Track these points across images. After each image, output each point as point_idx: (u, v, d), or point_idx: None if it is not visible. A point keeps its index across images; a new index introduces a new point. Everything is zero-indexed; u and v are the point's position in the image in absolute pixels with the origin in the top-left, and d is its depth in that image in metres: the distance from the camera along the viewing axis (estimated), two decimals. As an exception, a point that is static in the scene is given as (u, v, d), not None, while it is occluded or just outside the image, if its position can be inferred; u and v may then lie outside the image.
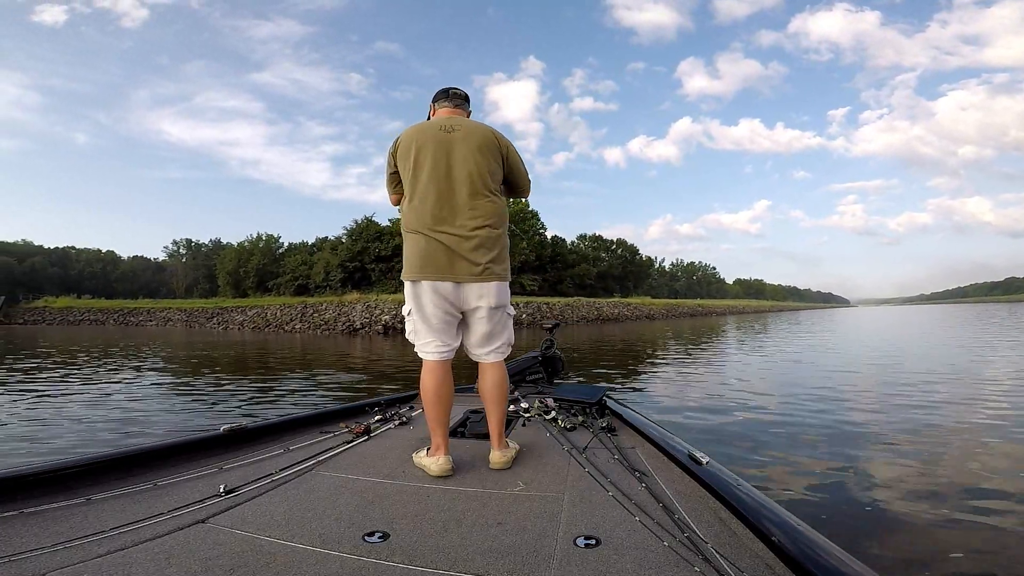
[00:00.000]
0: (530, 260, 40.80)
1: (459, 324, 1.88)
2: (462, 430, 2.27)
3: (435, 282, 1.77)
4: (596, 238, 57.88)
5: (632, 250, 60.01)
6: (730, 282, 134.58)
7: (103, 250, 77.60)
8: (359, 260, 38.37)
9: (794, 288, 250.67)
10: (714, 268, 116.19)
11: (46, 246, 71.77)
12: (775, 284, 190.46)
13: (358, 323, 21.72)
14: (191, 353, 12.00)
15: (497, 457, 1.79)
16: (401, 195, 1.93)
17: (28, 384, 6.93)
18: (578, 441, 2.07)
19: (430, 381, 1.81)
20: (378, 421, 2.41)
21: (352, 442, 2.08)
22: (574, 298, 36.89)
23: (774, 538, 1.11)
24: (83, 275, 68.81)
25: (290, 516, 1.38)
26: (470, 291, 1.80)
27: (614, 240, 59.44)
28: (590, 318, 30.57)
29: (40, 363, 9.54)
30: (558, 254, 46.91)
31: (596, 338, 16.04)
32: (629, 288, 57.47)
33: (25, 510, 1.34)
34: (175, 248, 71.68)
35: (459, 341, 1.89)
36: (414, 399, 2.92)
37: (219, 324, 28.72)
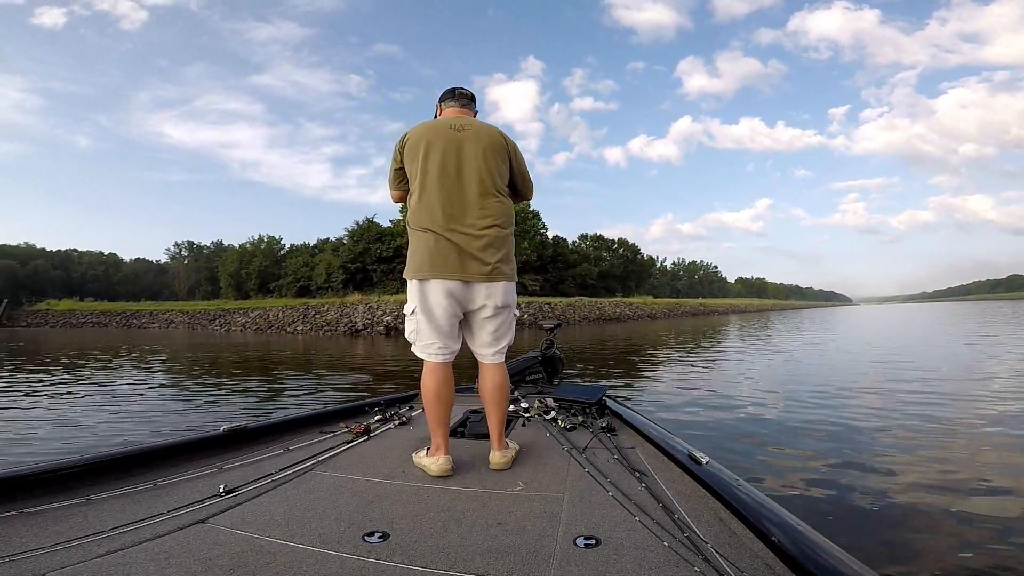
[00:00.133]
0: (531, 260, 40.75)
1: (460, 325, 1.87)
2: (462, 430, 2.27)
3: (444, 281, 1.75)
4: (597, 238, 57.82)
5: (633, 250, 59.94)
6: (732, 281, 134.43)
7: (105, 252, 77.88)
8: (360, 261, 38.42)
9: (796, 287, 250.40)
10: (716, 267, 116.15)
11: (48, 249, 72.01)
12: (777, 283, 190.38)
13: (360, 324, 21.73)
14: (193, 355, 12.02)
15: (497, 458, 1.79)
16: (404, 192, 1.91)
17: (30, 385, 6.95)
18: (578, 441, 2.07)
19: (431, 382, 1.80)
20: (378, 421, 2.41)
21: (352, 442, 2.08)
22: (576, 298, 36.86)
23: (774, 538, 1.11)
24: (85, 278, 68.97)
25: (290, 516, 1.38)
26: (478, 291, 1.79)
27: (615, 240, 59.41)
28: (592, 318, 30.54)
29: (42, 365, 9.57)
30: (559, 254, 46.87)
31: (598, 338, 16.02)
32: (631, 288, 57.39)
33: (25, 510, 1.34)
34: (177, 250, 71.91)
35: (460, 343, 1.88)
36: (414, 399, 2.92)
37: (221, 326, 28.78)
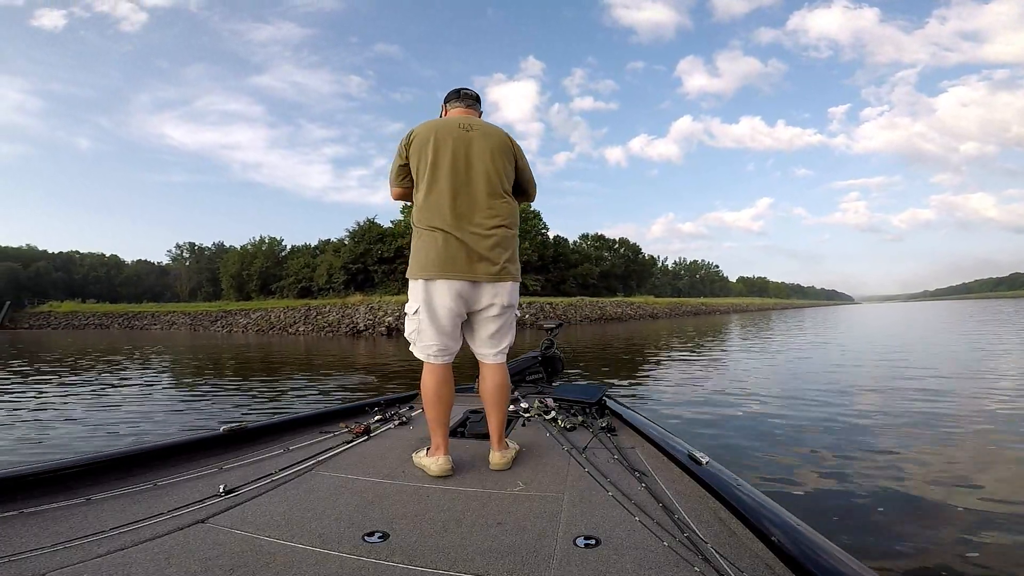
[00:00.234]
0: (532, 260, 40.75)
1: (462, 325, 1.86)
2: (462, 430, 2.27)
3: (452, 281, 1.74)
4: (598, 237, 57.79)
5: (635, 249, 59.90)
6: (733, 280, 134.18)
7: (107, 254, 78.20)
8: (362, 262, 38.46)
9: (797, 286, 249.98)
10: (717, 266, 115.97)
11: (50, 251, 72.46)
12: (778, 282, 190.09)
13: (361, 325, 21.74)
14: (195, 356, 12.05)
15: (497, 458, 1.79)
16: (406, 189, 1.88)
17: (31, 386, 6.97)
18: (578, 441, 2.07)
19: (431, 382, 1.79)
20: (378, 421, 2.41)
21: (352, 442, 2.09)
22: (577, 298, 36.82)
23: (774, 538, 1.10)
24: (87, 279, 69.18)
25: (290, 516, 1.38)
26: (485, 291, 1.79)
27: (616, 239, 59.39)
28: (593, 318, 30.51)
29: (44, 367, 9.59)
30: (561, 254, 46.86)
31: (599, 338, 16.01)
32: (632, 287, 57.36)
33: (25, 510, 1.35)
34: (178, 252, 72.06)
35: (460, 344, 1.88)
36: (414, 399, 2.92)
37: (223, 327, 28.81)
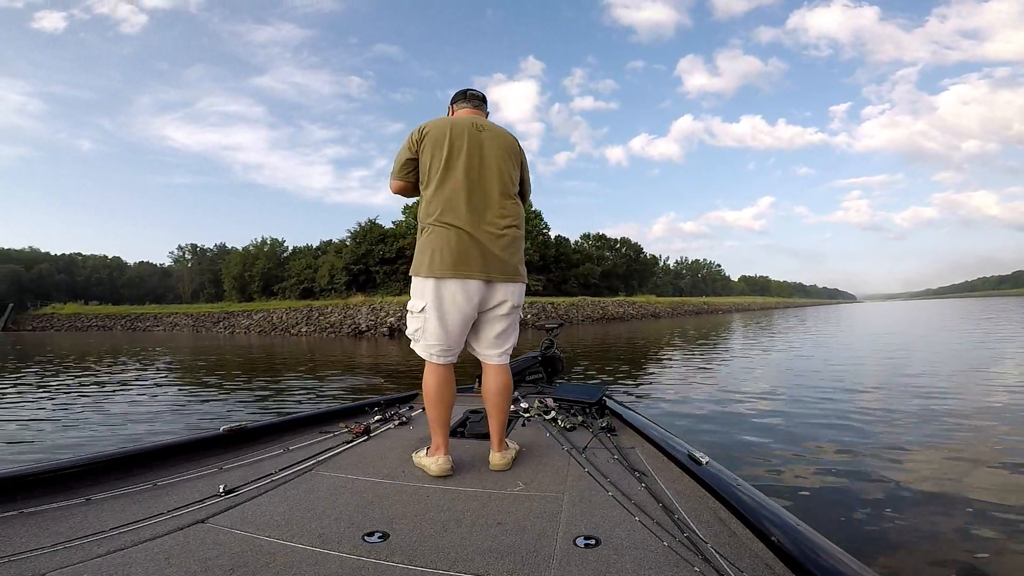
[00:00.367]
0: (534, 260, 40.75)
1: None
2: (462, 430, 2.27)
3: (466, 280, 1.71)
4: (600, 237, 57.71)
5: (636, 249, 59.77)
6: (735, 279, 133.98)
7: (109, 256, 78.42)
8: (363, 263, 38.47)
9: (800, 284, 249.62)
10: (719, 265, 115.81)
11: (53, 253, 72.69)
12: (780, 281, 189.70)
13: (363, 326, 21.74)
14: (197, 357, 12.07)
15: (497, 459, 1.79)
16: (408, 183, 1.85)
17: (34, 387, 6.99)
18: (578, 441, 2.07)
19: (433, 382, 1.78)
20: (378, 421, 2.42)
21: (352, 442, 2.09)
22: (579, 297, 36.76)
23: (774, 538, 1.10)
24: (90, 281, 69.36)
25: (290, 516, 1.38)
26: (496, 291, 1.78)
27: (618, 239, 59.20)
28: (595, 317, 30.47)
29: (48, 368, 9.62)
30: (562, 254, 46.83)
31: (601, 338, 15.99)
32: (634, 287, 57.27)
33: (25, 510, 1.35)
34: (180, 253, 72.25)
35: (463, 345, 1.87)
36: (414, 399, 2.92)
37: (226, 328, 28.85)
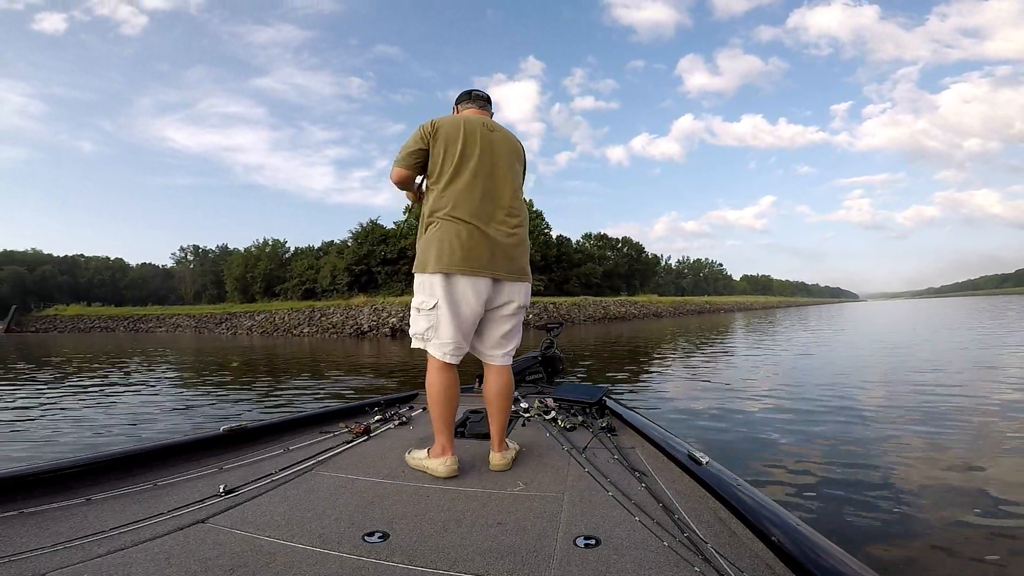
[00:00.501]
0: (536, 260, 40.67)
1: None
2: (462, 430, 2.27)
3: (474, 277, 1.71)
4: (601, 237, 57.65)
5: (638, 248, 59.71)
6: (737, 278, 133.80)
7: (112, 258, 78.95)
8: (365, 263, 38.51)
9: (802, 283, 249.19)
10: (721, 265, 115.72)
11: (55, 254, 73.14)
12: (782, 280, 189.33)
13: (365, 326, 21.76)
14: (199, 358, 12.09)
15: (497, 459, 1.79)
16: (413, 173, 1.83)
17: (36, 388, 7.01)
18: (578, 441, 2.07)
19: (441, 382, 1.75)
20: (378, 421, 2.42)
21: (352, 442, 2.09)
22: (580, 297, 36.75)
23: (774, 538, 1.10)
24: (92, 283, 69.73)
25: (290, 516, 1.38)
26: (504, 289, 1.78)
27: (619, 239, 59.11)
28: (597, 317, 30.45)
29: (50, 369, 9.65)
30: (563, 254, 46.78)
31: (603, 337, 15.98)
32: (635, 286, 57.23)
33: (25, 510, 1.35)
34: (182, 255, 72.46)
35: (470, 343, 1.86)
36: (414, 399, 2.92)
37: (228, 329, 28.90)
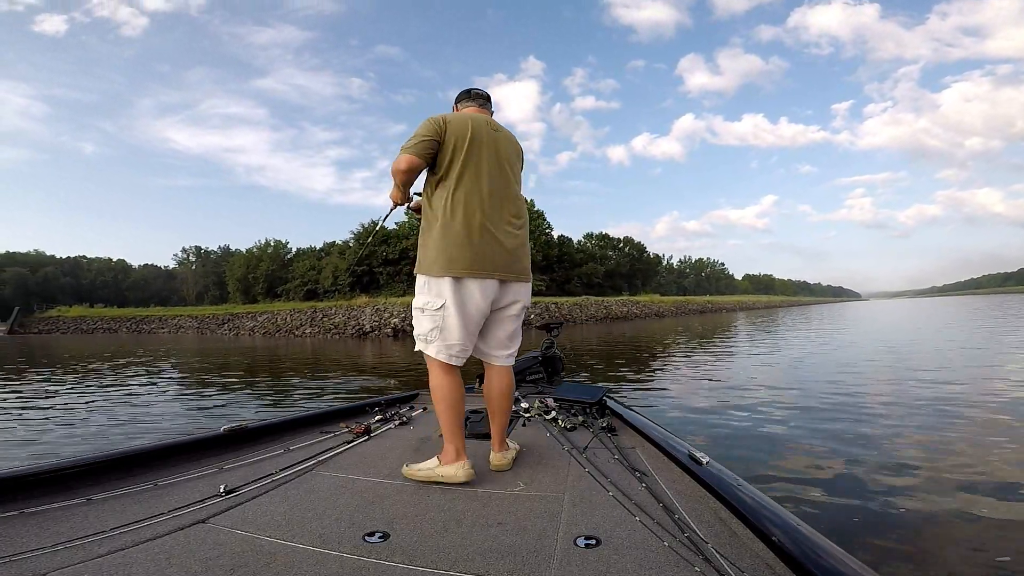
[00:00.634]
0: (537, 260, 40.65)
1: None
2: None
3: (483, 279, 1.69)
4: (603, 236, 57.59)
5: (639, 248, 59.64)
6: (739, 278, 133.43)
7: (114, 259, 79.15)
8: (367, 264, 38.55)
9: (804, 283, 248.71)
10: (723, 264, 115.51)
11: (58, 256, 73.39)
12: (785, 279, 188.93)
13: (368, 326, 21.80)
14: (202, 359, 12.12)
15: (498, 459, 1.79)
16: (424, 162, 1.72)
17: (38, 389, 7.03)
18: (578, 441, 2.07)
19: (448, 384, 1.72)
20: (378, 421, 2.43)
21: (352, 442, 2.10)
22: (582, 297, 36.75)
23: (774, 538, 1.10)
24: (95, 284, 69.94)
25: (290, 516, 1.39)
26: (510, 290, 1.78)
27: (621, 238, 59.01)
28: (599, 317, 30.43)
29: (52, 370, 9.68)
30: (565, 253, 46.76)
31: (605, 337, 15.97)
32: (637, 286, 57.17)
33: (26, 510, 1.36)
34: (184, 256, 72.67)
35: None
36: (414, 399, 2.92)
37: (230, 330, 28.97)
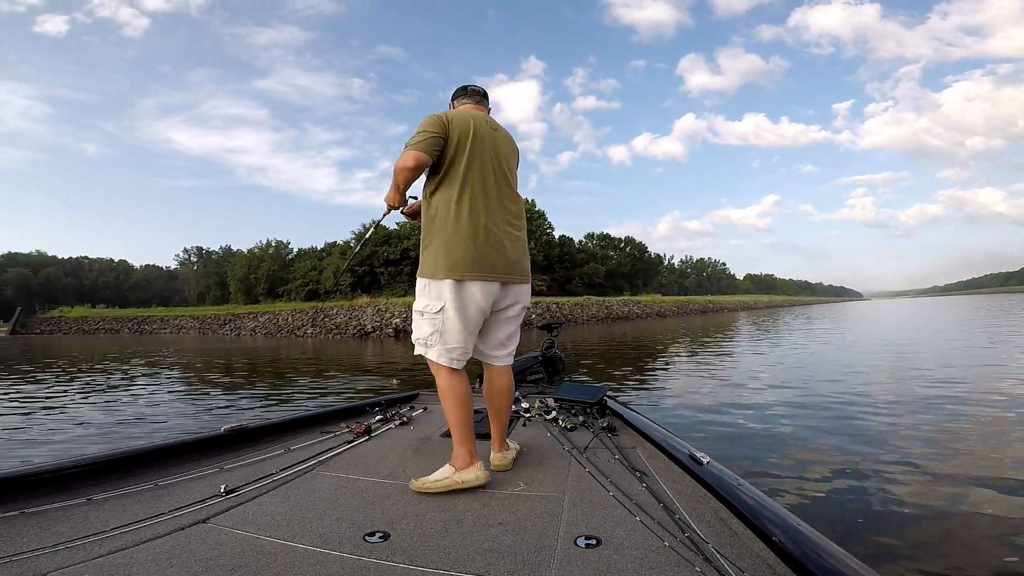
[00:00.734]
0: (538, 260, 40.66)
1: None
2: None
3: (485, 282, 1.67)
4: (604, 236, 57.54)
5: (640, 248, 59.58)
6: (740, 278, 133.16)
7: (116, 259, 79.28)
8: (368, 264, 38.58)
9: (805, 282, 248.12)
10: (724, 264, 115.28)
11: (60, 256, 73.53)
12: (786, 279, 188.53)
13: (369, 327, 21.83)
14: (203, 359, 12.14)
15: (498, 459, 1.79)
16: (432, 161, 1.66)
17: (40, 389, 7.05)
18: (579, 441, 2.07)
19: (456, 387, 1.69)
20: (379, 421, 2.43)
21: (353, 442, 2.10)
22: (583, 297, 36.74)
23: (775, 538, 1.10)
24: (97, 285, 70.11)
25: (291, 516, 1.39)
26: (510, 291, 1.77)
27: (622, 238, 58.96)
28: (600, 317, 30.43)
29: (54, 371, 9.70)
30: (566, 253, 46.76)
31: (606, 337, 15.96)
32: (639, 286, 57.14)
33: (26, 510, 1.36)
34: (186, 256, 72.77)
35: None
36: (414, 399, 2.93)
37: (232, 331, 29.03)
